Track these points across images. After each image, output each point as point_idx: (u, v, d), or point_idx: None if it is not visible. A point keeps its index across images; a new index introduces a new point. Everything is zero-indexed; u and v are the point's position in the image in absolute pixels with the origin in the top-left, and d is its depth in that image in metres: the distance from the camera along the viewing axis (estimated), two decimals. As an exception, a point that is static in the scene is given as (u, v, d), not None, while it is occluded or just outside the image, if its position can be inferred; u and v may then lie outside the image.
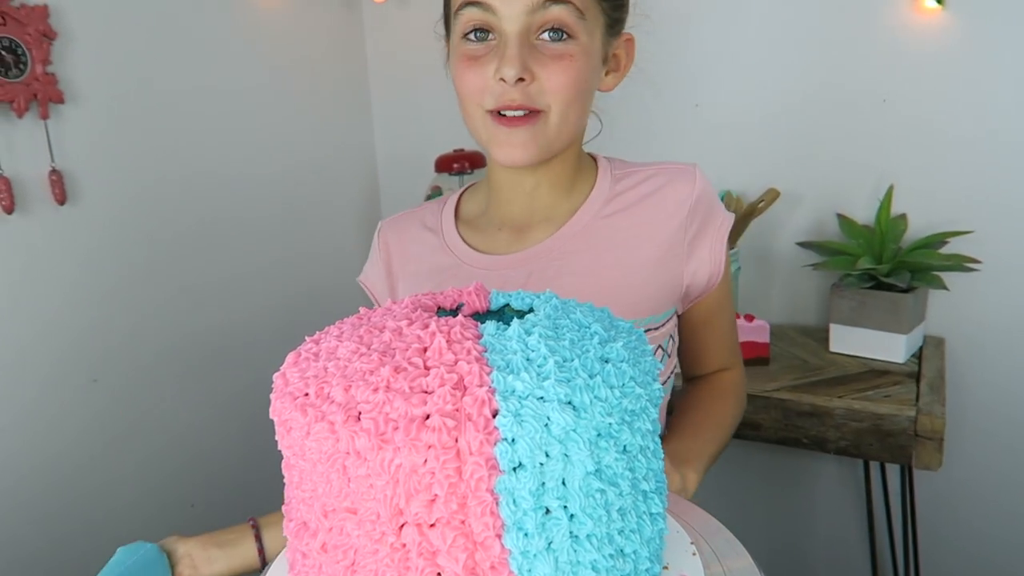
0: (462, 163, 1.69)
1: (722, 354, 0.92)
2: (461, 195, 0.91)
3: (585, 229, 0.80)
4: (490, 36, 0.72)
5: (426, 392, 0.41)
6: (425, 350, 0.44)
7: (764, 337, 1.44)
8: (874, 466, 1.57)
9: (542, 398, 0.41)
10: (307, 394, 0.44)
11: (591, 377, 0.42)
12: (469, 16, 0.72)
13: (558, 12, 0.70)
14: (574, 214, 0.81)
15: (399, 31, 1.92)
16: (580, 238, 0.80)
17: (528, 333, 0.44)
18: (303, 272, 1.84)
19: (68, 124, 1.31)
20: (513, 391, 0.41)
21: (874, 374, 1.39)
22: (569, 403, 0.41)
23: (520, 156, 0.73)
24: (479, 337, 0.45)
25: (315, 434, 0.41)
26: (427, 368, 0.42)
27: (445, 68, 0.84)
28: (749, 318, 1.45)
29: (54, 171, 1.29)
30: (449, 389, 0.40)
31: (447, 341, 0.43)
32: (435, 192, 1.71)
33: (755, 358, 1.45)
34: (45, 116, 1.26)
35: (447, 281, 0.81)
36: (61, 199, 1.30)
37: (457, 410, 0.40)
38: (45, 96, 1.25)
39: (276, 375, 0.47)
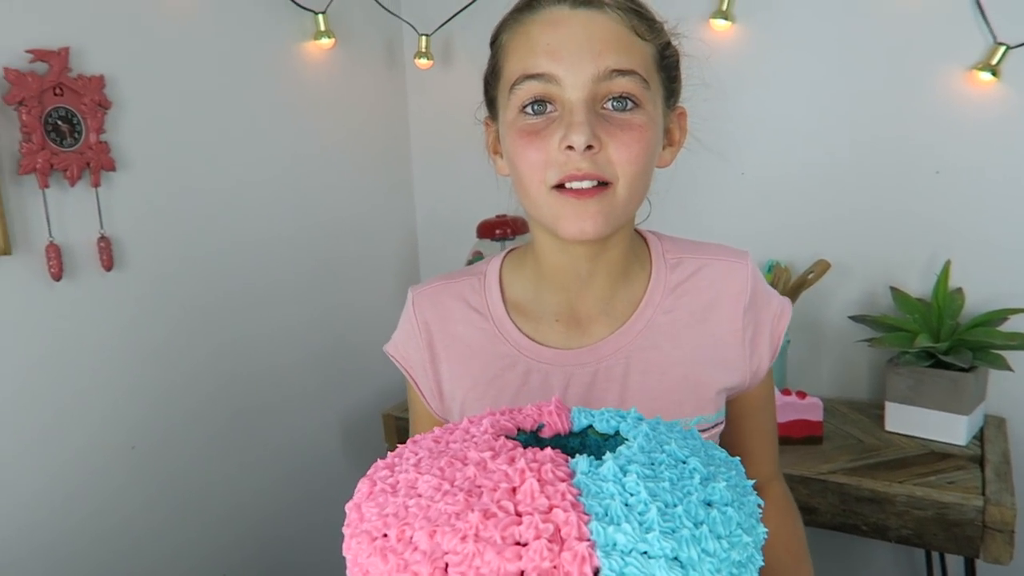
0: (504, 229, 1.67)
1: (767, 460, 0.86)
2: (502, 270, 0.83)
3: (649, 325, 0.77)
4: (549, 108, 0.68)
5: (520, 544, 0.37)
6: (514, 491, 0.40)
7: (817, 415, 1.39)
8: (935, 552, 1.49)
9: (646, 553, 0.37)
10: (386, 535, 0.41)
11: (696, 526, 0.39)
12: (529, 89, 0.68)
13: (625, 83, 0.67)
14: (636, 308, 0.77)
15: (441, 94, 1.93)
16: (644, 335, 0.76)
17: (624, 472, 0.41)
18: (341, 338, 1.82)
19: (117, 191, 1.32)
20: (615, 545, 0.37)
21: (935, 457, 1.33)
22: (676, 559, 0.37)
23: (591, 229, 0.67)
24: (571, 475, 0.41)
25: (397, 585, 0.38)
26: (519, 514, 0.39)
27: (486, 154, 0.80)
28: (801, 395, 1.40)
29: (103, 238, 1.29)
30: (545, 543, 0.37)
31: (538, 481, 0.40)
32: (476, 257, 1.69)
33: (808, 436, 1.39)
34: (97, 184, 1.27)
35: (506, 373, 0.77)
36: (108, 265, 1.30)
37: (555, 567, 0.36)
38: (97, 164, 1.26)
39: (349, 506, 0.44)
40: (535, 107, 0.68)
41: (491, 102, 0.77)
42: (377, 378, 1.93)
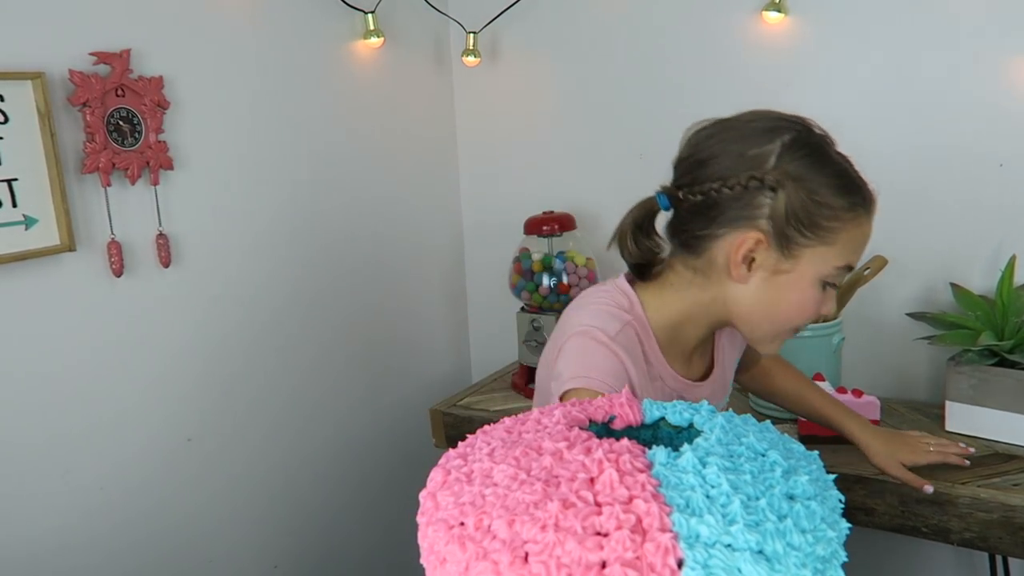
0: (551, 225, 1.67)
1: None
2: (645, 312, 0.96)
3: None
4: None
5: (601, 534, 0.37)
6: (593, 481, 0.40)
7: (875, 414, 1.36)
8: (999, 556, 1.45)
9: (730, 546, 0.37)
10: (463, 523, 0.41)
11: (780, 520, 0.38)
12: (843, 277, 0.92)
13: None
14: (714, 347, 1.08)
15: (489, 92, 1.94)
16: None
17: (704, 463, 0.41)
18: (390, 334, 1.84)
19: (175, 189, 1.35)
20: (698, 537, 0.37)
21: (999, 458, 1.29)
22: (761, 552, 0.36)
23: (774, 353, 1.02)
24: (650, 466, 0.41)
25: (476, 574, 0.38)
26: (598, 504, 0.39)
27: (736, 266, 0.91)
28: (857, 393, 1.37)
29: (161, 235, 1.32)
30: (628, 533, 0.36)
31: (617, 472, 0.40)
32: (523, 254, 1.69)
33: (864, 436, 1.36)
34: (156, 183, 1.30)
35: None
36: (166, 262, 1.32)
37: (638, 559, 0.36)
38: (156, 163, 1.29)
39: (423, 494, 0.44)
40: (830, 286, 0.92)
41: (787, 238, 0.87)
42: (424, 374, 1.95)
